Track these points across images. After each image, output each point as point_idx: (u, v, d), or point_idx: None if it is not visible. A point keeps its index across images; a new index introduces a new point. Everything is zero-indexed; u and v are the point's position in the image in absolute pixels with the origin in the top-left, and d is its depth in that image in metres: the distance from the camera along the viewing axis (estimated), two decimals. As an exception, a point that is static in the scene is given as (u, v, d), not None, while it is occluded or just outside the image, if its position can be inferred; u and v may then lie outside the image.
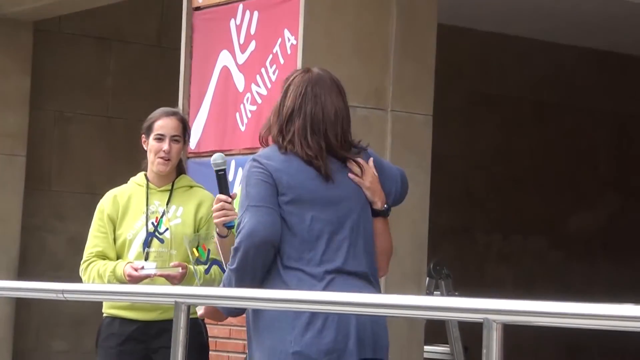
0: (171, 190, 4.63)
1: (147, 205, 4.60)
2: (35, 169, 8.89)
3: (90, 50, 9.13)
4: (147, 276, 4.43)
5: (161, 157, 4.58)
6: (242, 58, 6.09)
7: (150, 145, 4.61)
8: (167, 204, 4.59)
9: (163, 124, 4.61)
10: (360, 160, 3.70)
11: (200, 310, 3.78)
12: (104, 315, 4.64)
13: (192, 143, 6.22)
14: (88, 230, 4.68)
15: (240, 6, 6.13)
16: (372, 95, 5.89)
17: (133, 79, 9.19)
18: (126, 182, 4.73)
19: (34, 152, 8.83)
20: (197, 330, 4.44)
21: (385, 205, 3.71)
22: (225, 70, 6.17)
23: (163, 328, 4.44)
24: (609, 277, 9.89)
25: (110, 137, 9.12)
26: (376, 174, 3.70)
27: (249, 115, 6.01)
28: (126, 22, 9.20)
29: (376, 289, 3.64)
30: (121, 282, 4.46)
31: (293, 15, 5.79)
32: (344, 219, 3.63)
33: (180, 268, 4.43)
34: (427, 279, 6.66)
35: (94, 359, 4.63)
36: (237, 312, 3.71)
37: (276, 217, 3.57)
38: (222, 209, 3.76)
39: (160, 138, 4.59)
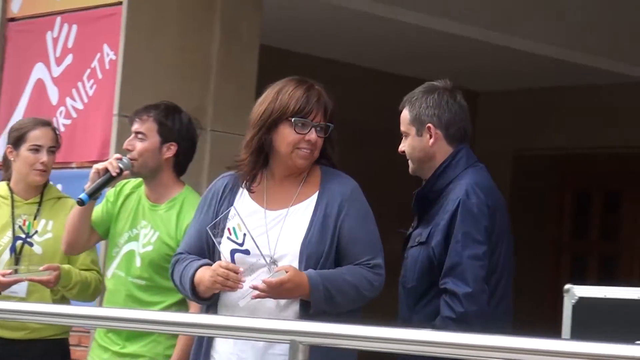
0: (40, 203, 4.44)
1: (13, 219, 4.40)
2: None
3: None
4: (17, 281, 4.25)
5: (39, 169, 4.41)
6: (57, 71, 5.97)
7: (24, 156, 4.42)
8: (34, 218, 4.40)
9: (40, 134, 4.44)
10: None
11: None
12: None
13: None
14: None
15: (59, 19, 6.00)
16: (192, 114, 5.83)
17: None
18: None
19: None
20: (63, 352, 4.37)
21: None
22: (40, 83, 6.03)
23: (27, 347, 4.31)
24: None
25: None
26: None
27: (62, 129, 5.87)
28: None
29: None
30: None
31: (113, 30, 5.71)
32: None
33: (52, 270, 4.23)
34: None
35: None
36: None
37: None
38: None
39: (36, 149, 4.42)
